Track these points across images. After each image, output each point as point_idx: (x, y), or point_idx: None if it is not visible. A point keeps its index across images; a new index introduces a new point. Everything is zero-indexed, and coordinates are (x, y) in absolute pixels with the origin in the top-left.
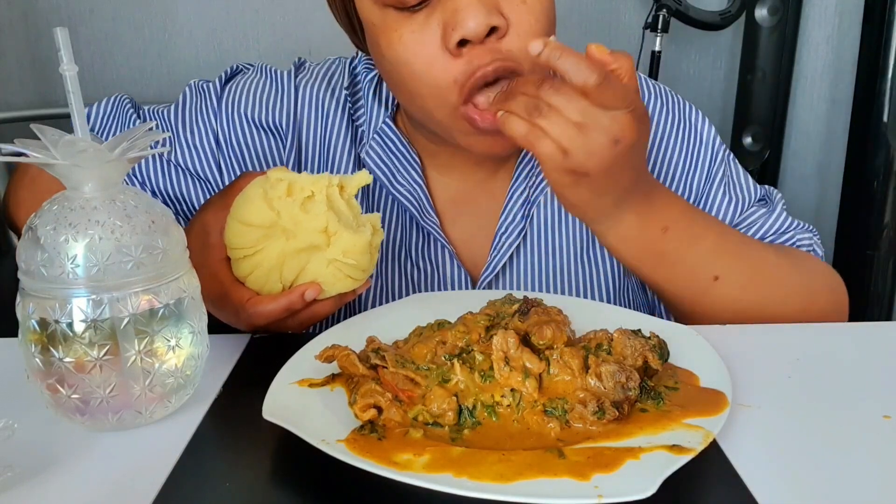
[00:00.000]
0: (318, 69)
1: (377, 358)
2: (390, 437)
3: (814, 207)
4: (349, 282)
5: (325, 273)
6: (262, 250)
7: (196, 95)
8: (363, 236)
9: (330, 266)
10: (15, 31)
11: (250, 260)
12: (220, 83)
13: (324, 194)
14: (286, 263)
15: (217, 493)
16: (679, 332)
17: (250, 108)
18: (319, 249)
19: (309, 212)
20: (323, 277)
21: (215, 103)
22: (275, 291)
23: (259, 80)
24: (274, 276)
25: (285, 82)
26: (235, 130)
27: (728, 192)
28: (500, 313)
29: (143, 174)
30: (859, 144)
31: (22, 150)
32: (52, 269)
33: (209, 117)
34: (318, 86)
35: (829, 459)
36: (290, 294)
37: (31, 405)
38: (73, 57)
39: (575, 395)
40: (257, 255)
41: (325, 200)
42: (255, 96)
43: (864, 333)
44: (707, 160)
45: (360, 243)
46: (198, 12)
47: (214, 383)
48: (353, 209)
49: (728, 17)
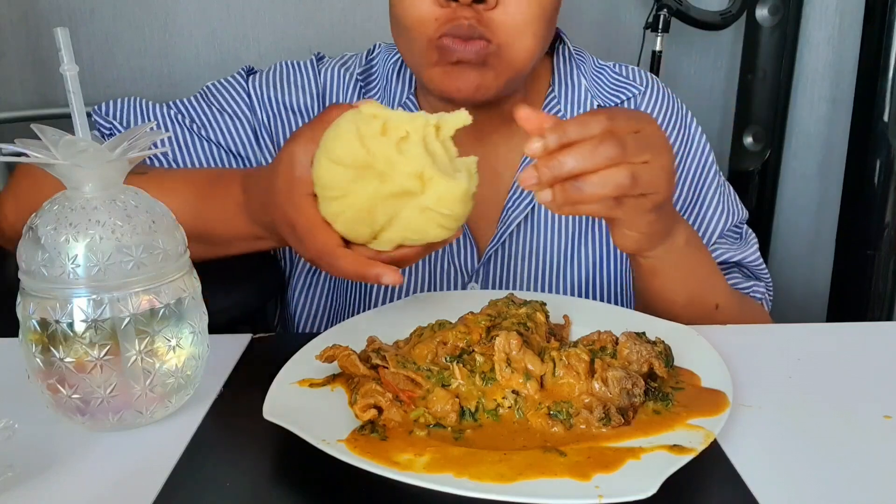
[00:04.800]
0: (336, 60)
1: (378, 358)
2: (391, 437)
3: (814, 207)
4: (441, 231)
5: (418, 221)
6: (352, 193)
7: (221, 85)
8: (460, 184)
9: (423, 214)
10: (15, 31)
11: (339, 202)
12: (241, 77)
13: (420, 135)
14: (377, 208)
15: (217, 493)
16: (680, 332)
17: (278, 93)
18: (413, 195)
19: (404, 153)
20: (415, 225)
21: (241, 92)
22: (362, 238)
23: (282, 69)
24: (363, 221)
25: (308, 68)
26: (267, 113)
27: (722, 202)
28: (502, 313)
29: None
30: (860, 144)
31: (22, 150)
32: (52, 269)
33: (239, 103)
34: (336, 71)
35: (829, 459)
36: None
37: (32, 405)
38: (74, 57)
39: (580, 399)
40: (347, 198)
41: (421, 142)
42: (282, 82)
43: (864, 333)
44: (697, 164)
45: (457, 191)
46: (198, 12)
47: (215, 383)
48: (449, 152)
49: (729, 17)
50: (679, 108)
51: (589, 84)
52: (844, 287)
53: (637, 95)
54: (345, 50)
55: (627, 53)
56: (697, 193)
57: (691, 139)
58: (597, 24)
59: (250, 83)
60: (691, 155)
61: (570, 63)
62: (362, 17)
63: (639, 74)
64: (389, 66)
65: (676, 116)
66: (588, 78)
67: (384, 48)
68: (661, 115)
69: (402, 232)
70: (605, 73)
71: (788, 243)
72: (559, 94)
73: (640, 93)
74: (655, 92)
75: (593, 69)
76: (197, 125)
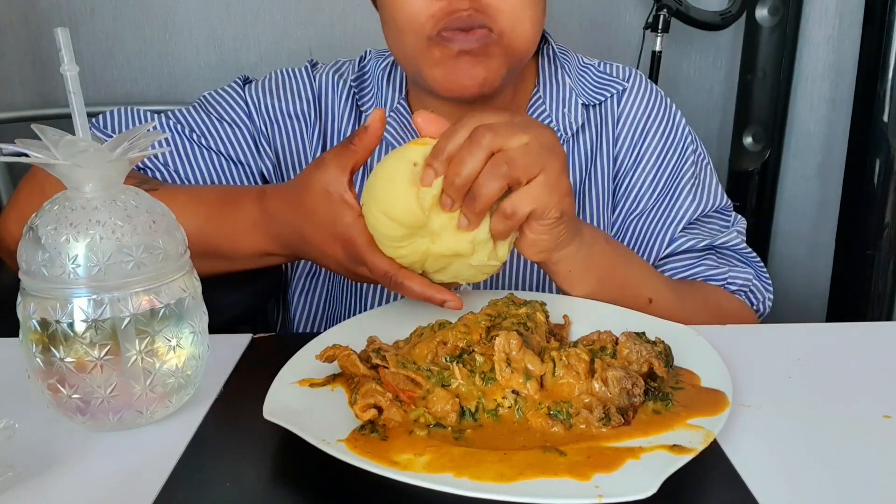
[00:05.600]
0: (330, 65)
1: (378, 358)
2: (391, 437)
3: (814, 207)
4: (486, 275)
5: (468, 273)
6: (407, 250)
7: (218, 94)
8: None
9: (473, 268)
10: (16, 31)
11: (391, 251)
12: (237, 86)
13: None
14: (428, 262)
15: (217, 493)
16: (680, 332)
17: (275, 100)
18: (464, 256)
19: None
20: (465, 276)
21: (239, 100)
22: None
23: (278, 77)
24: (413, 267)
25: (303, 75)
26: (264, 120)
27: (694, 191)
28: (502, 313)
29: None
30: (860, 144)
31: (22, 150)
32: (53, 269)
33: (238, 111)
34: (330, 77)
35: (829, 459)
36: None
37: (32, 405)
38: (74, 57)
39: (580, 399)
40: (400, 250)
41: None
42: (278, 89)
43: (864, 333)
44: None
45: (502, 251)
46: (198, 12)
47: (215, 383)
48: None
49: (728, 18)
50: (664, 104)
51: (574, 83)
52: (844, 287)
53: (621, 91)
54: (345, 50)
55: (627, 53)
56: (671, 183)
57: (673, 132)
58: (597, 24)
59: (247, 91)
60: (672, 147)
61: (555, 62)
62: (362, 18)
63: (623, 71)
64: (379, 71)
65: (660, 110)
66: (573, 77)
67: (374, 54)
68: (646, 110)
69: (451, 278)
70: (590, 72)
71: (788, 243)
72: (544, 94)
73: (624, 89)
74: (639, 87)
75: (578, 68)
76: (196, 134)
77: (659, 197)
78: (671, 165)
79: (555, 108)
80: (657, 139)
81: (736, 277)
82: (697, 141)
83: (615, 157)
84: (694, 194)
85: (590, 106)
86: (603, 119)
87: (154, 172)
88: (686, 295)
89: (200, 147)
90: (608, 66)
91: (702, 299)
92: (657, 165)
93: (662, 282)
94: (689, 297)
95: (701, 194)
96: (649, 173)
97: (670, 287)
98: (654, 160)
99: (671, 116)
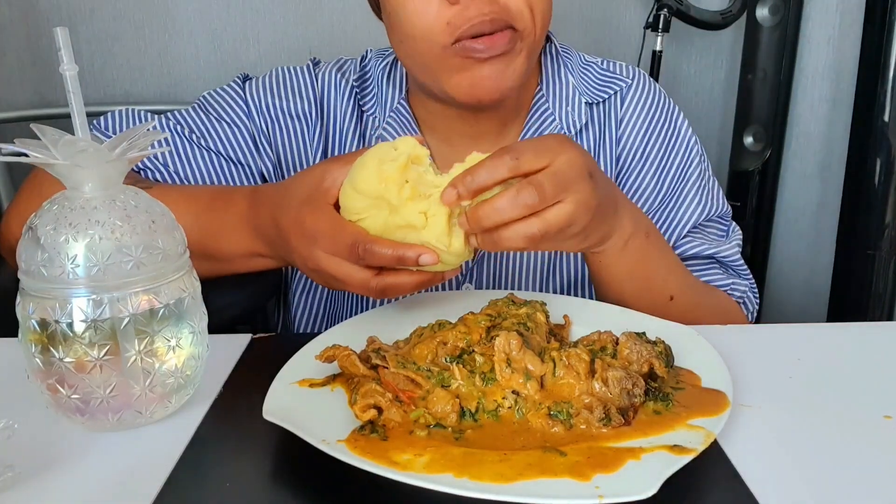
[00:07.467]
0: (332, 63)
1: (378, 358)
2: (391, 438)
3: (814, 207)
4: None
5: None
6: (367, 218)
7: (217, 94)
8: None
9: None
10: (15, 31)
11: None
12: (237, 84)
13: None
14: (388, 235)
15: (217, 493)
16: (680, 332)
17: (275, 98)
18: (416, 229)
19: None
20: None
21: (238, 99)
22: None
23: (279, 75)
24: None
25: (305, 73)
26: (265, 119)
27: (700, 195)
28: (502, 313)
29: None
30: (860, 144)
31: (22, 149)
32: (52, 269)
33: (237, 110)
34: (333, 76)
35: (829, 459)
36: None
37: (32, 405)
38: (74, 57)
39: (580, 399)
40: (362, 223)
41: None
42: (279, 88)
43: (864, 333)
44: (681, 159)
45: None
46: (198, 12)
47: (215, 383)
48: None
49: (729, 17)
50: (665, 103)
51: (576, 81)
52: (844, 287)
53: (623, 89)
54: (345, 50)
55: (628, 53)
56: (677, 186)
57: (676, 132)
58: (597, 23)
59: (247, 90)
60: (676, 147)
61: (557, 61)
62: (362, 18)
63: (626, 69)
64: (379, 71)
65: (662, 110)
66: (575, 75)
67: (375, 53)
68: (647, 109)
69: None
70: (592, 69)
71: (788, 243)
72: (547, 92)
73: (626, 86)
74: (642, 86)
75: (580, 66)
76: (196, 135)
77: (664, 199)
78: (675, 167)
79: (558, 106)
80: (660, 141)
81: (737, 287)
82: (699, 143)
83: (618, 157)
84: (700, 198)
85: (593, 104)
86: (606, 118)
87: (154, 173)
88: (706, 298)
89: (200, 148)
90: (610, 63)
91: (716, 303)
92: (661, 167)
93: (688, 282)
94: (707, 300)
95: (706, 198)
96: (653, 175)
97: (694, 289)
98: (657, 162)
99: (673, 118)
